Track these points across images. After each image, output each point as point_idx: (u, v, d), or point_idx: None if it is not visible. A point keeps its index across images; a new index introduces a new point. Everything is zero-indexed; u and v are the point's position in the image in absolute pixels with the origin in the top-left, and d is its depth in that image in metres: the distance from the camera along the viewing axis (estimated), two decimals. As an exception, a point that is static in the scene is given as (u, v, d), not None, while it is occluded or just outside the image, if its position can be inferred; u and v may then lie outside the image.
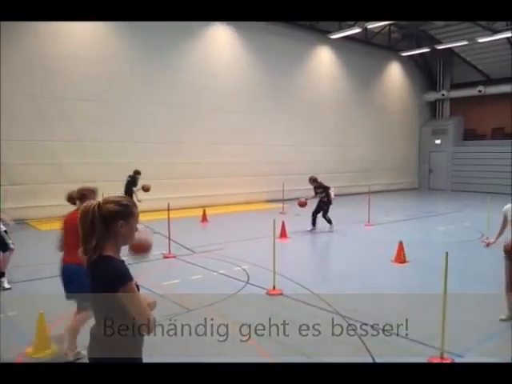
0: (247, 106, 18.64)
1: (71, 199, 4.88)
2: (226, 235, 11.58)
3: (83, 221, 2.33)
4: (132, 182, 13.44)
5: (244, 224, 14.00)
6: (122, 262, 2.40)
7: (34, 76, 13.66)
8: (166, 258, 9.05)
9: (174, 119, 16.63)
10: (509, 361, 4.44)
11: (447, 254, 4.46)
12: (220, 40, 17.87)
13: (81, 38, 14.48)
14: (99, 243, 2.31)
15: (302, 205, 12.27)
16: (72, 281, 4.54)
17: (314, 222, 12.34)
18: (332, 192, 12.29)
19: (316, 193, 12.50)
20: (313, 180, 12.54)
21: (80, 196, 4.81)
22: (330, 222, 12.31)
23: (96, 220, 2.31)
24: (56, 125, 14.22)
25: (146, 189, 13.35)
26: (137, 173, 13.62)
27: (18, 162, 13.31)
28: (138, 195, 12.64)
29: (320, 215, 12.37)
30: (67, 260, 4.69)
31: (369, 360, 4.51)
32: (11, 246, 6.53)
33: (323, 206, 12.29)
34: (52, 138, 14.13)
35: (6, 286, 6.99)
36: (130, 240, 2.48)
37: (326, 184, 12.59)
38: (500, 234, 6.01)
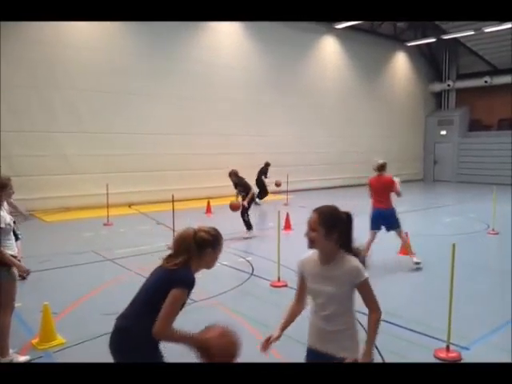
0: (252, 96, 18.57)
1: None
2: (230, 227, 11.56)
3: (181, 241, 2.93)
4: (262, 172, 15.94)
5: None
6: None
7: (37, 67, 13.62)
8: (170, 248, 9.03)
9: (179, 110, 16.58)
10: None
11: (454, 245, 4.42)
12: (225, 31, 17.76)
13: (85, 28, 14.40)
14: (187, 261, 2.85)
15: (234, 208, 10.41)
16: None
17: (248, 226, 10.43)
18: (256, 196, 10.60)
19: (237, 190, 10.74)
20: (233, 174, 10.59)
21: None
22: (248, 225, 10.35)
23: (191, 243, 2.87)
24: (61, 116, 14.20)
25: (277, 184, 15.77)
26: (267, 164, 16.21)
27: (23, 153, 13.32)
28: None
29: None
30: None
31: (374, 352, 4.49)
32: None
33: (247, 205, 10.39)
34: (57, 130, 14.12)
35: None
36: (211, 266, 3.07)
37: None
38: None
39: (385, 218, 7.53)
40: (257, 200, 14.63)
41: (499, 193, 11.42)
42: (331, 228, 2.70)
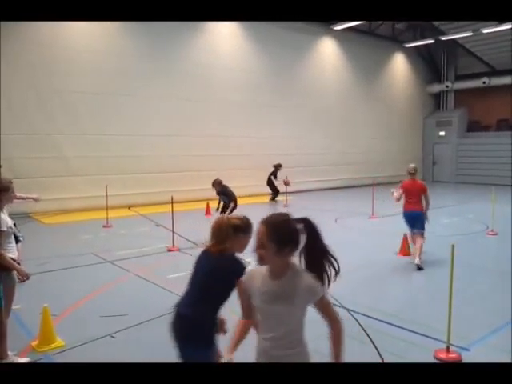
0: (251, 98, 18.58)
1: None
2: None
3: (219, 228, 3.13)
4: (273, 173, 16.71)
5: (248, 217, 13.97)
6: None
7: (36, 68, 13.62)
8: (169, 251, 9.05)
9: (178, 112, 16.59)
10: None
11: (453, 246, 4.42)
12: (224, 32, 17.78)
13: (84, 29, 14.41)
14: (227, 246, 3.06)
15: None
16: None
17: None
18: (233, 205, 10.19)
19: (220, 198, 10.47)
20: (216, 184, 10.32)
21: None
22: None
23: (229, 229, 3.10)
24: (60, 118, 14.20)
25: (286, 183, 16.17)
26: (278, 166, 16.72)
27: (22, 155, 13.31)
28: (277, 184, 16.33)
29: None
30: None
31: (374, 354, 4.50)
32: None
33: (224, 212, 10.10)
34: (56, 131, 14.11)
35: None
36: (243, 250, 3.18)
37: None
38: None
39: (414, 219, 8.07)
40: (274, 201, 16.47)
41: (498, 193, 11.43)
42: (282, 243, 2.34)
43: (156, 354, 4.59)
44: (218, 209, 10.37)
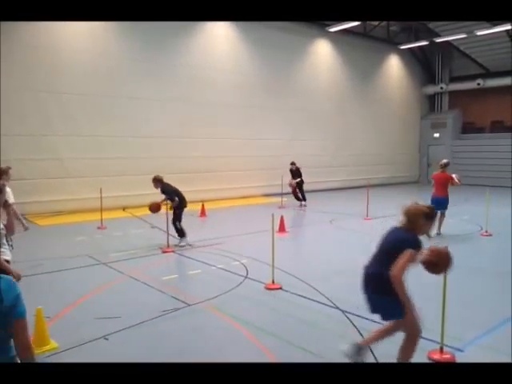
0: (245, 99, 18.58)
1: None
2: (225, 229, 11.56)
3: (411, 212, 3.92)
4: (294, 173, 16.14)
5: (243, 218, 13.99)
6: None
7: (34, 71, 13.58)
8: (164, 252, 9.03)
9: (174, 113, 16.57)
10: (508, 355, 4.43)
11: (447, 247, 4.43)
12: (219, 34, 17.78)
13: (81, 32, 14.38)
14: (414, 228, 3.90)
15: (153, 210, 9.80)
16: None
17: (180, 233, 9.63)
18: (176, 203, 9.61)
19: (165, 198, 9.73)
20: (156, 181, 9.73)
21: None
22: (180, 232, 9.61)
23: (419, 214, 3.90)
24: (57, 120, 14.16)
25: (291, 185, 16.03)
26: (292, 164, 16.20)
27: (18, 156, 13.24)
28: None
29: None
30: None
31: (368, 354, 4.50)
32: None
33: (176, 212, 9.62)
34: (53, 133, 14.08)
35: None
36: (424, 233, 3.98)
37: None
38: None
39: (438, 203, 9.85)
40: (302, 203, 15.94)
41: (492, 195, 11.48)
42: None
43: (150, 356, 4.58)
44: (171, 208, 9.66)
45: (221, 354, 4.64)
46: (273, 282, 6.73)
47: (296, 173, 16.11)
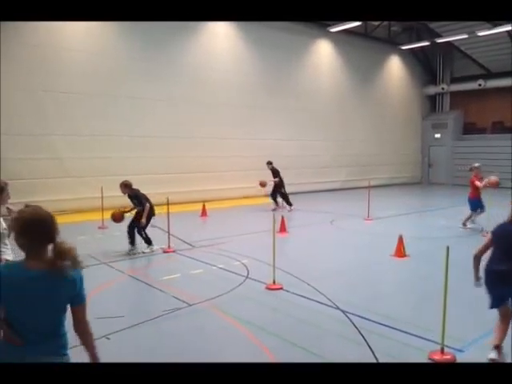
0: (246, 99, 18.58)
1: None
2: (226, 229, 11.57)
3: None
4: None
5: (244, 218, 13.99)
6: None
7: (33, 70, 13.58)
8: (165, 252, 9.04)
9: (174, 113, 16.57)
10: (509, 356, 4.43)
11: (448, 248, 4.44)
12: (220, 33, 17.79)
13: (80, 31, 14.38)
14: None
15: (117, 219, 9.37)
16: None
17: (148, 241, 9.21)
18: (147, 210, 8.98)
19: (133, 204, 9.28)
20: (123, 186, 9.05)
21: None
22: (147, 241, 9.19)
23: None
24: (56, 119, 14.16)
25: (262, 184, 15.16)
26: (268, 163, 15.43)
27: (17, 156, 13.25)
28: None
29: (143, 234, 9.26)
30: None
31: (369, 355, 4.50)
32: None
33: (143, 221, 8.97)
34: (52, 133, 14.07)
35: None
36: None
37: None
38: None
39: (468, 202, 11.68)
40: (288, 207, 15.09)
41: (493, 196, 11.47)
42: None
43: (151, 355, 4.59)
44: (129, 211, 9.36)
45: (221, 353, 4.65)
46: (274, 282, 6.73)
47: (274, 173, 15.26)
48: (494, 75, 24.27)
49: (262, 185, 15.15)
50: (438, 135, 26.50)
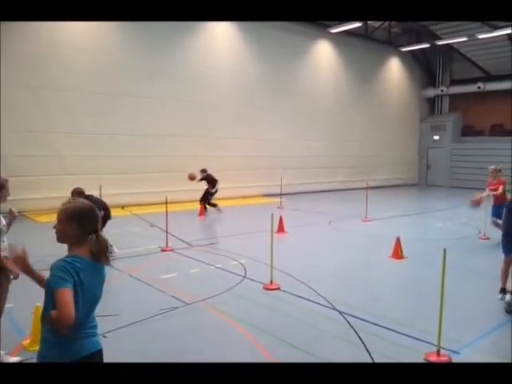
0: (246, 99, 18.60)
1: None
2: (224, 229, 11.58)
3: None
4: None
5: (241, 218, 14.01)
6: None
7: (35, 67, 13.60)
8: (163, 251, 9.04)
9: (173, 112, 16.58)
10: (507, 358, 4.45)
11: (445, 250, 4.46)
12: (220, 33, 17.79)
13: (82, 29, 14.38)
14: None
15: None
16: None
17: None
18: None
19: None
20: (75, 194, 8.56)
21: None
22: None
23: None
24: (57, 116, 14.18)
25: (190, 177, 13.82)
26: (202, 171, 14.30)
27: (17, 153, 13.26)
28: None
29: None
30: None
31: (366, 356, 4.52)
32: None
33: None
34: (53, 130, 14.08)
35: None
36: None
37: None
38: None
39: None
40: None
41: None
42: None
43: (148, 354, 4.60)
44: None
45: (218, 352, 4.66)
46: (271, 282, 6.74)
47: (211, 180, 14.41)
48: (493, 78, 24.32)
49: (191, 178, 13.86)
50: (436, 137, 26.55)
